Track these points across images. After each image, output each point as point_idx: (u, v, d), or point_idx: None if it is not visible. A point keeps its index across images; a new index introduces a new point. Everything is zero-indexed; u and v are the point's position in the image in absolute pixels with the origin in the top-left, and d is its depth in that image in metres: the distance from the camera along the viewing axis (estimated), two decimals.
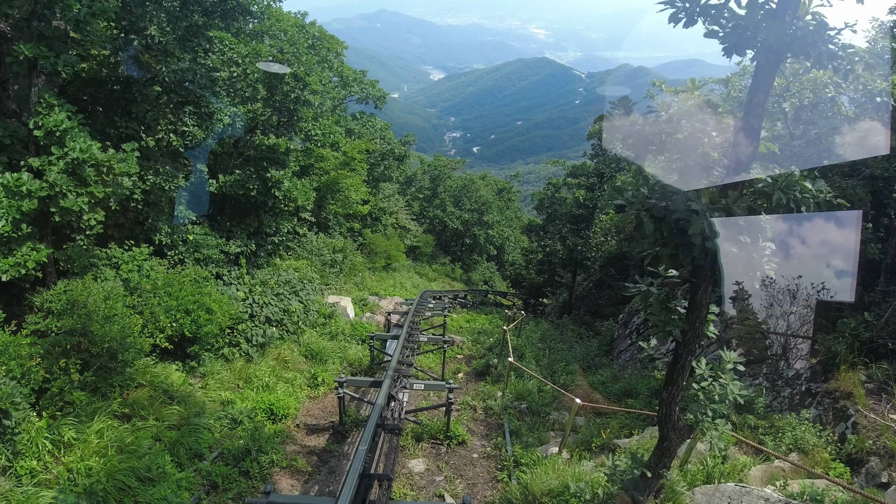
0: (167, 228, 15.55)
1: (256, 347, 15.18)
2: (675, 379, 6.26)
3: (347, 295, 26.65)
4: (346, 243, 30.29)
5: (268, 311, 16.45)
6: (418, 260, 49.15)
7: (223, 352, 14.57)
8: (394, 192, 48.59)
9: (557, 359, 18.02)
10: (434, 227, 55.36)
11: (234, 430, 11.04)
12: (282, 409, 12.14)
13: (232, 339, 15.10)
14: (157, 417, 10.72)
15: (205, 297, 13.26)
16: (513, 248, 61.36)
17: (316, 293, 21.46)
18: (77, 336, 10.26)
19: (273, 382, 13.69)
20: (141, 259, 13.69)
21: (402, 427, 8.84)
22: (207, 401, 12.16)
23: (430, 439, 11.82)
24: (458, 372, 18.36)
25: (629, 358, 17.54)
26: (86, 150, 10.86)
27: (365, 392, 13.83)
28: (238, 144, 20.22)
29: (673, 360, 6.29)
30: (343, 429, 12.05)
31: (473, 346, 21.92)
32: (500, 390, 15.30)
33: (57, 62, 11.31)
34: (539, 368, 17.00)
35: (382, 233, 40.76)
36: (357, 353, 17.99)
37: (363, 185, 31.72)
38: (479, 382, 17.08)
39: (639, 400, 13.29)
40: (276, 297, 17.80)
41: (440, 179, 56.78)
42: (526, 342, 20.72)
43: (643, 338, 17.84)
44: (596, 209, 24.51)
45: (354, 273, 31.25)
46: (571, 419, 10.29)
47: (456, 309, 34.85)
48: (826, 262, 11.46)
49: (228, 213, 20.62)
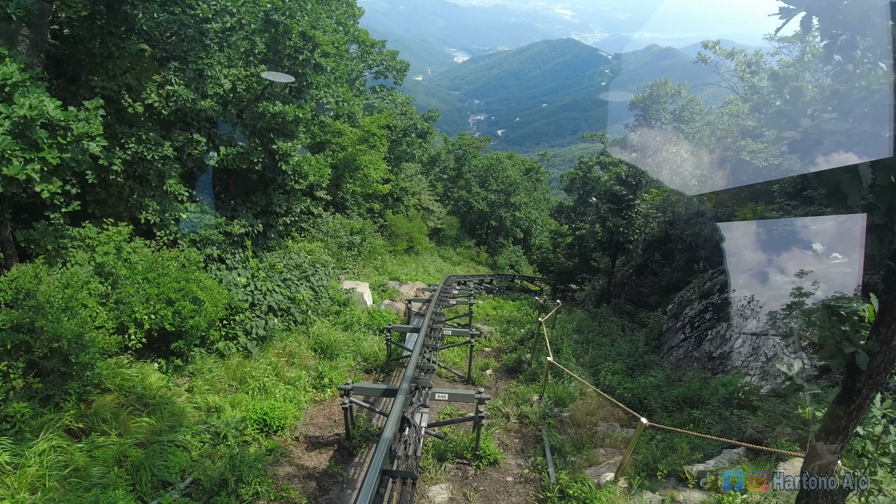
0: (155, 205, 13.59)
1: (256, 341, 13.25)
2: (844, 426, 4.00)
3: (365, 280, 24.69)
4: (364, 225, 28.26)
5: (271, 299, 14.50)
6: (442, 243, 47.11)
7: (218, 346, 12.63)
8: (416, 172, 46.43)
9: (600, 355, 15.81)
10: (459, 209, 53.14)
11: (216, 448, 9.07)
12: (278, 418, 10.14)
13: (229, 331, 13.18)
14: (123, 432, 8.79)
15: (191, 285, 11.27)
16: (540, 231, 58.88)
17: (330, 278, 19.52)
18: (23, 333, 8.35)
19: (272, 384, 11.73)
20: (119, 240, 11.75)
21: (417, 475, 6.70)
22: (190, 408, 10.22)
23: (456, 458, 9.76)
24: (486, 368, 16.30)
25: (683, 356, 15.25)
26: (36, 107, 8.87)
27: (377, 400, 11.68)
28: (243, 114, 18.20)
29: (843, 396, 4.02)
30: (350, 444, 10.02)
31: (502, 338, 19.83)
32: (536, 392, 13.20)
33: (8, 3, 9.40)
34: (579, 367, 14.85)
35: (404, 214, 38.65)
36: (373, 345, 16.00)
37: (383, 163, 29.57)
38: (509, 381, 15.01)
39: (706, 411, 11.04)
40: (283, 284, 15.86)
41: (465, 159, 54.37)
42: (560, 333, 18.56)
43: (699, 332, 15.55)
44: (639, 186, 22.12)
45: (374, 256, 29.26)
46: (635, 442, 8.13)
47: (482, 295, 32.88)
48: None
49: (233, 189, 18.66)
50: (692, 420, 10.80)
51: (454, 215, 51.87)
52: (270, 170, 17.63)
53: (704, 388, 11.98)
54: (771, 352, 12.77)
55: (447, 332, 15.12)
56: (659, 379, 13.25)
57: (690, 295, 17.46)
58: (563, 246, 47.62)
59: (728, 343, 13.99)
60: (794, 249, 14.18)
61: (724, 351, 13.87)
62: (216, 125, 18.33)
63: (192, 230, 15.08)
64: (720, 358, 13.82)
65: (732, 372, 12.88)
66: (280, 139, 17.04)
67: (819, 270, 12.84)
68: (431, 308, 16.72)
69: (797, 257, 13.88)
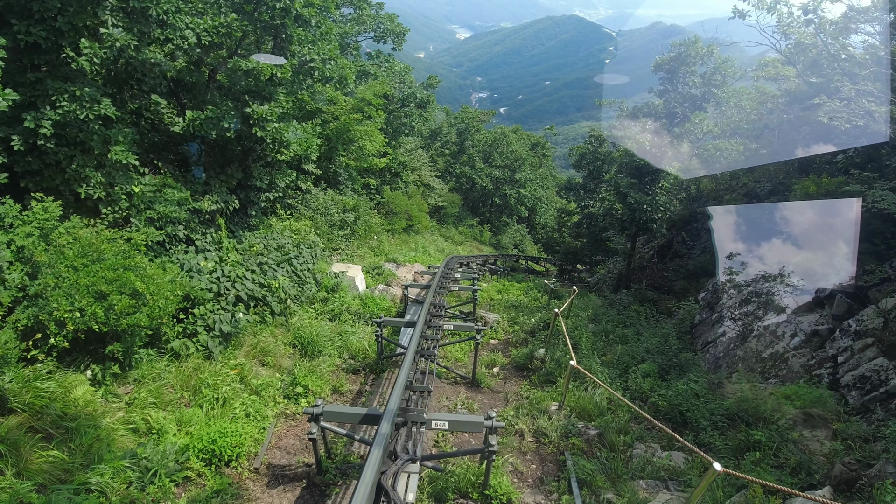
0: (100, 177, 11.33)
1: (219, 338, 11.09)
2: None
3: (359, 262, 22.55)
4: (359, 201, 25.97)
5: (241, 287, 12.33)
6: (443, 221, 44.84)
7: (173, 346, 10.49)
8: (416, 147, 44.01)
9: (625, 352, 13.62)
10: (461, 186, 50.69)
11: (144, 491, 6.93)
12: (231, 446, 7.98)
13: (187, 326, 11.03)
14: (23, 469, 6.69)
15: (128, 274, 9.06)
16: (545, 209, 56.48)
17: (317, 261, 17.37)
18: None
19: (232, 394, 9.61)
20: (44, 218, 9.54)
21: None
22: (123, 430, 8.09)
23: (458, 497, 7.65)
24: (492, 365, 14.20)
25: (723, 353, 13.05)
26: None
27: (356, 427, 9.31)
28: (216, 74, 15.88)
29: None
30: (323, 480, 7.88)
31: (510, 328, 17.68)
32: (554, 399, 11.08)
33: None
34: (603, 366, 12.71)
35: (403, 191, 36.27)
36: (363, 339, 13.89)
37: (380, 135, 27.20)
38: (520, 382, 12.92)
39: (769, 432, 8.87)
40: (259, 268, 13.69)
41: (468, 133, 51.70)
42: (576, 323, 16.43)
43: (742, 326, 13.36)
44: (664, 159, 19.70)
45: (370, 236, 27.05)
46: (702, 491, 5.98)
47: (485, 276, 30.78)
48: None
49: (206, 161, 16.39)
50: (753, 444, 8.64)
51: (456, 192, 49.43)
52: (246, 138, 15.34)
53: (761, 401, 9.80)
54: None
55: (448, 326, 12.91)
56: (700, 385, 11.09)
57: (726, 281, 15.23)
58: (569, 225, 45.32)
59: (782, 341, 11.82)
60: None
61: (777, 351, 11.69)
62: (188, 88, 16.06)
63: (149, 207, 12.87)
64: (773, 360, 11.65)
65: (793, 380, 10.72)
66: (256, 102, 14.73)
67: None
68: (430, 297, 14.57)
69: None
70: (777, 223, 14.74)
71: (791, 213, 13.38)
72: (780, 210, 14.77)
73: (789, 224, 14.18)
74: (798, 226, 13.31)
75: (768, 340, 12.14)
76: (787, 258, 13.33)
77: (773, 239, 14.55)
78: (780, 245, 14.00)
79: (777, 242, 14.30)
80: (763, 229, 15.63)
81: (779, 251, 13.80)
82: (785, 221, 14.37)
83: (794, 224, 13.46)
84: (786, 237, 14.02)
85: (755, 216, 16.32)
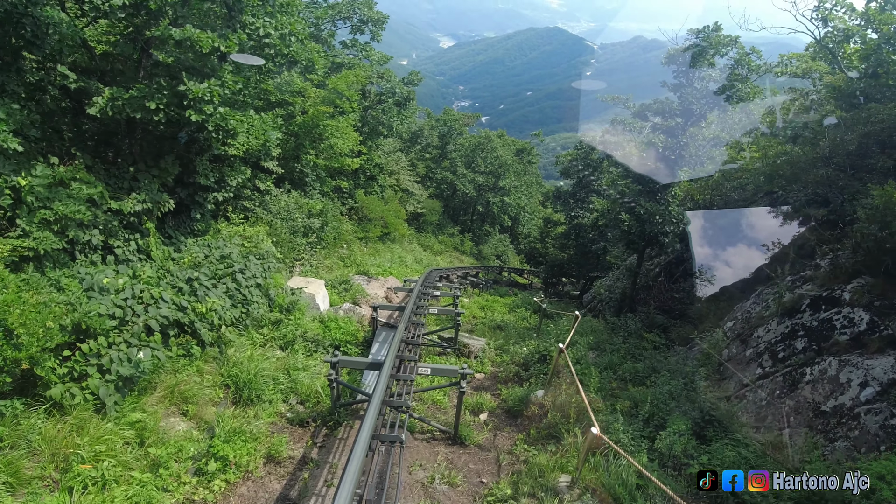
0: None
1: (115, 383, 8.22)
2: None
3: (325, 275, 19.72)
4: (327, 205, 23.11)
5: (155, 312, 9.46)
6: (422, 229, 42.11)
7: (52, 393, 7.62)
8: (395, 149, 41.24)
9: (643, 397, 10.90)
10: (442, 192, 47.95)
11: None
12: None
13: (75, 365, 8.16)
14: None
15: None
16: (528, 218, 54.03)
17: (270, 274, 14.58)
18: None
19: (116, 473, 6.76)
20: None
21: None
22: None
23: None
24: (479, 409, 11.54)
25: (766, 402, 10.43)
26: None
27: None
28: (149, 47, 13.03)
29: None
30: None
31: (498, 357, 15.02)
32: (563, 470, 8.37)
33: None
34: (619, 415, 10.03)
35: (379, 195, 33.43)
36: (318, 377, 11.09)
37: (353, 132, 24.40)
38: (514, 434, 10.27)
39: None
40: (188, 286, 10.86)
41: (450, 137, 49.01)
42: (576, 355, 13.80)
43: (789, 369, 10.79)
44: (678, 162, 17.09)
45: (339, 244, 24.21)
46: None
47: (466, 290, 28.18)
48: None
49: (134, 151, 13.48)
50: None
51: (437, 199, 46.66)
52: (177, 122, 12.48)
53: (839, 473, 7.14)
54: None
55: (424, 370, 10.09)
56: (750, 454, 8.47)
57: (762, 309, 12.71)
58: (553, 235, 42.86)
59: (847, 391, 9.26)
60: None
61: (843, 404, 9.12)
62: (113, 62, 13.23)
63: (45, 206, 10.01)
64: (837, 415, 9.08)
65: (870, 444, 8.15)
66: (193, 79, 11.90)
67: None
68: (402, 326, 11.77)
69: None
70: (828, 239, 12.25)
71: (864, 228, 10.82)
72: (838, 222, 12.30)
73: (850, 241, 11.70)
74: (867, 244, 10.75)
75: (828, 389, 9.59)
76: (849, 284, 10.83)
77: (825, 259, 12.09)
78: (837, 268, 11.48)
79: (831, 263, 11.81)
80: (803, 247, 13.15)
81: (837, 275, 11.29)
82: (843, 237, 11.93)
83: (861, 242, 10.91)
84: (845, 258, 11.51)
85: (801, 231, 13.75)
